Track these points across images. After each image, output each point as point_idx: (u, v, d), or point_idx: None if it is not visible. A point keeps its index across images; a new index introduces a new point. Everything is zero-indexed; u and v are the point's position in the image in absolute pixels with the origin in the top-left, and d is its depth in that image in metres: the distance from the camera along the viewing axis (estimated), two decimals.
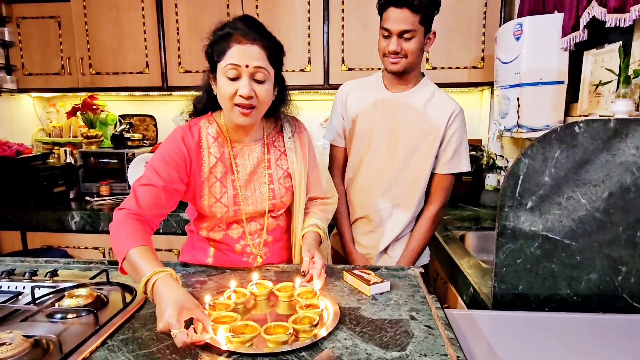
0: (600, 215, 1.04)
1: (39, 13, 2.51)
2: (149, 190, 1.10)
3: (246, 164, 1.22)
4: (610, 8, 1.45)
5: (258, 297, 1.05)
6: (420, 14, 1.31)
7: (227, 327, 0.85)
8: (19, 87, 2.59)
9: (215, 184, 1.18)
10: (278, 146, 1.27)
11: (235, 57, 1.05)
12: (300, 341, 0.84)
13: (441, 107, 1.45)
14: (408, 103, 1.46)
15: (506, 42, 1.96)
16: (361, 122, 1.50)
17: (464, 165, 1.49)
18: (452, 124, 1.44)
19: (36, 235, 2.28)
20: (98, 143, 2.64)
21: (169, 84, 2.47)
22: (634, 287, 1.06)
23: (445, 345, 0.84)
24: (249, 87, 1.06)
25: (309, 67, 2.37)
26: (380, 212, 1.51)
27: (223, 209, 1.19)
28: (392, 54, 1.37)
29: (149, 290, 0.91)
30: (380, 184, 1.49)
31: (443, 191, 1.50)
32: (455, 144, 1.45)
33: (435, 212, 1.50)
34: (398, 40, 1.34)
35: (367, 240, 1.54)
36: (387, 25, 1.34)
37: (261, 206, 1.23)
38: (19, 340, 0.78)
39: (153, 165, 1.13)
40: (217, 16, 2.36)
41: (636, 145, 1.01)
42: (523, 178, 1.04)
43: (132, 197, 1.09)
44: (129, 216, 1.06)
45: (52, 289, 1.07)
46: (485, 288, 1.22)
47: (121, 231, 1.02)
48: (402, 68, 1.39)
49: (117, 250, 1.00)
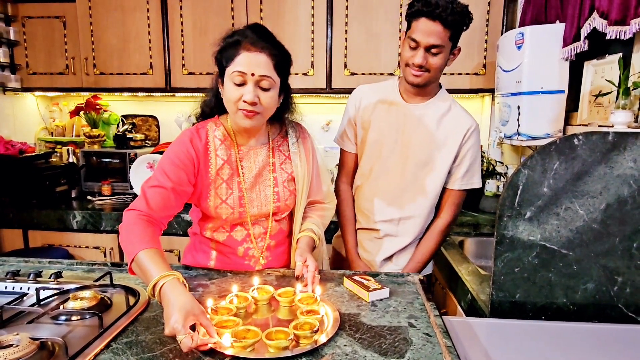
0: (597, 226, 1.06)
1: (45, 13, 2.52)
2: (158, 192, 1.12)
3: (252, 167, 1.24)
4: (611, 20, 1.47)
5: (259, 302, 1.06)
6: (451, 30, 1.27)
7: (229, 332, 0.87)
8: (23, 86, 2.61)
9: (222, 185, 1.20)
10: (283, 150, 1.29)
11: (242, 65, 1.08)
12: (301, 347, 0.86)
13: (457, 122, 1.42)
14: (423, 115, 1.43)
15: (508, 50, 1.97)
16: (373, 129, 1.47)
17: (476, 182, 1.47)
18: (468, 141, 1.41)
19: (38, 233, 2.30)
20: (100, 143, 2.66)
21: (172, 85, 2.48)
22: (629, 297, 1.08)
23: (443, 353, 0.85)
24: (253, 93, 1.09)
25: (311, 71, 2.38)
26: (388, 223, 1.49)
27: (228, 210, 1.20)
28: (415, 66, 1.32)
29: (157, 294, 0.94)
30: (390, 193, 1.47)
31: (454, 206, 1.48)
32: (469, 160, 1.43)
33: (444, 226, 1.48)
34: (425, 54, 1.29)
35: (373, 246, 1.52)
36: (415, 37, 1.28)
37: (266, 208, 1.25)
38: (25, 342, 0.80)
39: (162, 167, 1.15)
40: (222, 19, 2.38)
41: (634, 158, 1.03)
42: (522, 188, 1.06)
43: (142, 198, 1.12)
44: (139, 217, 1.08)
45: (56, 290, 1.08)
46: (483, 295, 1.24)
47: (131, 233, 1.05)
48: (424, 82, 1.35)
49: (127, 252, 1.03)
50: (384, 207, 1.48)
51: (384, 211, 1.48)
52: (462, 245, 1.88)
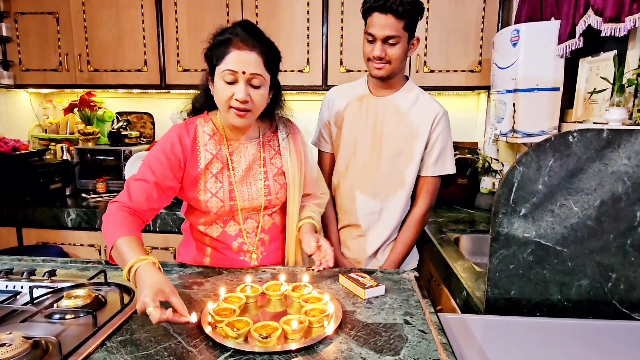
0: (591, 223, 1.06)
1: (37, 9, 2.49)
2: (140, 186, 1.14)
3: (241, 161, 1.26)
4: (605, 17, 1.47)
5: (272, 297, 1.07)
6: (404, 20, 1.32)
7: (225, 322, 0.88)
8: (16, 82, 2.58)
9: (211, 179, 1.22)
10: (273, 145, 1.31)
11: (233, 63, 1.09)
12: (299, 341, 0.85)
13: (426, 110, 1.46)
14: (392, 106, 1.48)
15: (503, 47, 1.97)
16: (347, 127, 1.52)
17: (449, 167, 1.50)
18: (437, 127, 1.45)
19: (32, 231, 2.28)
20: (95, 140, 2.64)
21: (167, 82, 2.47)
22: (623, 294, 1.08)
23: (438, 350, 0.85)
24: (244, 92, 1.11)
25: (307, 68, 2.37)
26: (368, 217, 1.52)
27: (219, 204, 1.21)
28: (376, 59, 1.38)
29: (132, 277, 0.96)
30: (367, 188, 1.51)
31: (429, 193, 1.52)
32: (440, 146, 1.47)
33: (421, 214, 1.52)
34: (382, 46, 1.35)
35: (357, 244, 1.55)
36: (371, 31, 1.35)
37: (257, 202, 1.26)
38: (18, 341, 0.79)
39: (148, 161, 1.17)
40: (217, 15, 2.36)
41: (628, 155, 1.03)
42: (517, 185, 1.06)
43: (125, 191, 1.14)
44: (121, 208, 1.11)
45: (50, 289, 1.08)
46: (479, 292, 1.25)
47: (111, 221, 1.08)
48: (387, 74, 1.41)
49: (107, 240, 1.05)
50: (364, 201, 1.51)
51: (365, 205, 1.51)
52: (457, 242, 1.89)
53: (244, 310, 1.00)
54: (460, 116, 2.70)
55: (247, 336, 0.87)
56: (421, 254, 1.76)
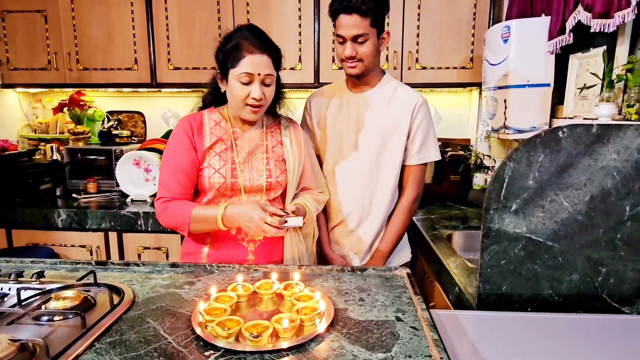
0: (581, 218, 1.07)
1: (25, 7, 2.46)
2: (172, 177, 1.29)
3: (245, 146, 1.35)
4: (595, 13, 1.48)
5: (264, 296, 1.06)
6: (369, 17, 1.35)
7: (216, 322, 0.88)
8: (4, 82, 2.54)
9: (215, 157, 1.32)
10: (275, 136, 1.41)
11: (249, 67, 1.23)
12: (289, 340, 0.85)
13: (404, 100, 1.48)
14: (372, 101, 1.50)
15: (494, 44, 1.98)
16: (330, 127, 1.54)
17: (432, 154, 1.52)
18: (417, 115, 1.47)
19: (22, 232, 2.25)
20: (85, 139, 2.61)
21: (157, 81, 2.45)
22: (613, 288, 1.09)
23: (430, 346, 0.85)
24: (260, 91, 1.25)
25: (299, 66, 2.37)
26: (357, 213, 1.53)
27: (221, 179, 1.30)
28: (348, 59, 1.41)
29: (227, 221, 1.21)
30: (355, 184, 1.52)
31: (415, 182, 1.53)
32: (422, 134, 1.49)
33: (409, 203, 1.53)
34: (352, 45, 1.38)
35: (349, 241, 1.56)
36: (340, 32, 1.38)
37: (258, 182, 1.33)
38: (4, 344, 0.78)
39: (167, 154, 1.31)
40: (208, 14, 2.35)
41: (617, 150, 1.03)
42: (508, 181, 1.06)
43: (162, 187, 1.29)
44: (168, 201, 1.28)
45: (38, 290, 1.06)
46: (471, 288, 1.25)
47: (171, 211, 1.26)
48: (361, 71, 1.43)
49: (180, 222, 1.25)
50: (353, 198, 1.53)
51: (355, 201, 1.53)
52: (450, 239, 1.89)
53: (236, 309, 1.00)
54: (452, 113, 2.71)
55: (238, 335, 0.87)
56: (414, 250, 1.76)
